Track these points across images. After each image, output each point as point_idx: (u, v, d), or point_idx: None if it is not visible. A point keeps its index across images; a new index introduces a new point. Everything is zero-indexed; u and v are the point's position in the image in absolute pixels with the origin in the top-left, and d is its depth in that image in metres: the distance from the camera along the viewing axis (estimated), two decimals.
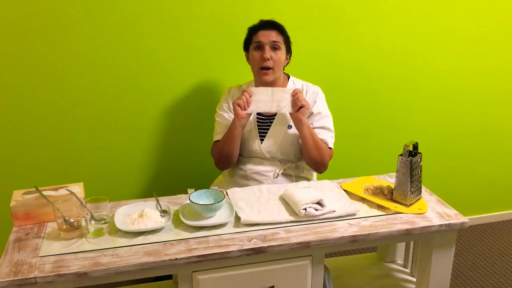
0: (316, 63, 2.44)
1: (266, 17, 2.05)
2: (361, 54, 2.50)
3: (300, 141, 2.00)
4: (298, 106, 1.90)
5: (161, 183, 2.44)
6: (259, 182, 2.04)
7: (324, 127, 2.04)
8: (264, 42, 1.95)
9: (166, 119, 2.36)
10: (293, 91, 1.92)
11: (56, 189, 1.66)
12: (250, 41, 2.01)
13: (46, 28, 2.09)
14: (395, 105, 2.63)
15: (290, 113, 1.95)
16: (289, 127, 2.02)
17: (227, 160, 2.04)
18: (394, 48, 2.53)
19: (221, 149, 2.01)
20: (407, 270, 2.07)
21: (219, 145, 2.03)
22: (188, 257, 1.44)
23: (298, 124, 1.93)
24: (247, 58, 2.06)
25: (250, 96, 1.91)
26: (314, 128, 2.02)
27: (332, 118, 2.07)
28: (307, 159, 2.01)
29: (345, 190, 1.84)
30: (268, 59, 1.95)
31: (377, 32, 2.48)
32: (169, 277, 2.00)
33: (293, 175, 2.07)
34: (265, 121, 2.05)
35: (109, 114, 2.27)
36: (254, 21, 2.04)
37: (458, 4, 2.52)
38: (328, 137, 2.04)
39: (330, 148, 2.03)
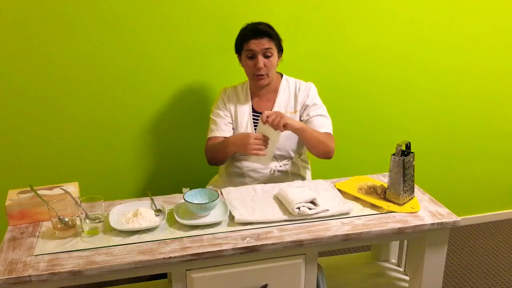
0: (310, 63, 2.45)
1: (261, 17, 2.06)
2: (354, 54, 2.51)
3: (300, 139, 2.01)
4: (280, 127, 1.84)
5: (156, 182, 2.45)
6: (255, 179, 2.05)
7: (321, 114, 2.06)
8: (256, 51, 1.96)
9: (162, 118, 2.36)
10: (262, 119, 1.85)
11: (51, 189, 1.67)
12: (242, 48, 2.02)
13: (43, 27, 2.09)
14: (389, 105, 2.65)
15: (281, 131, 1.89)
16: None
17: (217, 163, 2.08)
18: (388, 48, 2.54)
19: (213, 155, 2.03)
20: (401, 269, 2.08)
21: (212, 148, 2.03)
22: (182, 256, 1.45)
23: (296, 132, 1.92)
24: (240, 61, 2.08)
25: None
26: (312, 117, 2.04)
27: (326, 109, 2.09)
28: (315, 153, 2.02)
29: (339, 190, 1.86)
30: (262, 68, 1.97)
31: (371, 32, 2.49)
32: (163, 276, 2.00)
33: (289, 172, 2.08)
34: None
35: (105, 114, 2.28)
36: (249, 20, 2.04)
37: (453, 3, 2.54)
38: (328, 123, 2.06)
39: (330, 133, 2.04)
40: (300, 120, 2.07)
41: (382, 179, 1.97)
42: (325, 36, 2.43)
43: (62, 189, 1.62)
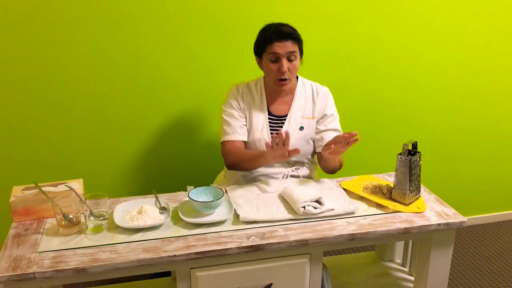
0: (316, 62, 2.44)
1: (267, 16, 2.04)
2: (362, 54, 2.50)
3: (323, 156, 1.92)
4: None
5: (160, 180, 2.45)
6: None
7: (336, 129, 2.03)
8: (280, 54, 1.87)
9: (166, 116, 2.36)
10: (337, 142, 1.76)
11: (55, 185, 1.67)
12: (264, 50, 1.92)
13: (47, 26, 2.09)
14: (396, 104, 2.64)
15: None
16: (301, 128, 2.00)
17: (238, 170, 1.99)
18: (395, 48, 2.53)
19: (239, 162, 1.93)
20: (406, 269, 2.07)
21: (239, 155, 1.92)
22: (187, 254, 1.44)
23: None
24: (258, 63, 1.99)
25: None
26: (328, 130, 2.01)
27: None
28: (328, 170, 2.00)
29: (344, 189, 1.85)
30: (286, 72, 1.90)
31: (378, 31, 2.48)
32: (167, 274, 2.00)
33: (301, 176, 2.05)
34: (276, 121, 2.02)
35: (110, 111, 2.28)
36: (257, 19, 2.01)
37: (460, 3, 2.52)
38: None
39: None
40: (316, 128, 2.03)
41: (388, 179, 1.96)
42: (331, 35, 2.42)
43: (67, 186, 1.62)
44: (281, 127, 2.00)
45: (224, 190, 1.74)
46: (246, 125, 2.00)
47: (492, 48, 2.66)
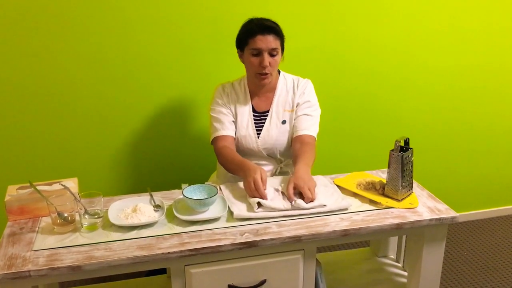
0: (307, 58, 2.45)
1: (258, 10, 2.03)
2: (354, 51, 2.51)
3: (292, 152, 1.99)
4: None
5: (155, 179, 2.45)
6: None
7: (309, 114, 2.02)
8: (262, 48, 1.88)
9: (161, 115, 2.36)
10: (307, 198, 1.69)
11: (50, 184, 1.67)
12: (246, 43, 1.93)
13: (42, 25, 2.09)
14: (388, 101, 2.65)
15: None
16: (283, 122, 2.02)
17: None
18: (387, 45, 2.54)
19: (225, 164, 1.94)
20: (399, 265, 2.08)
21: (227, 158, 1.91)
22: (181, 251, 1.45)
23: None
24: (240, 56, 2.01)
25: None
26: (298, 116, 2.01)
27: (319, 107, 2.06)
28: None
29: (337, 186, 1.86)
30: (267, 66, 1.90)
31: (371, 28, 2.49)
32: (163, 271, 2.01)
33: (290, 172, 2.07)
34: (260, 117, 2.05)
35: (104, 110, 2.28)
36: (245, 15, 1.99)
37: (451, 1, 2.54)
38: (311, 125, 2.01)
39: (315, 137, 2.00)
40: None
41: (381, 175, 1.98)
42: (323, 31, 2.43)
43: (61, 184, 1.62)
44: (264, 122, 2.02)
45: (218, 188, 1.75)
46: (234, 122, 2.02)
47: (485, 45, 2.68)
